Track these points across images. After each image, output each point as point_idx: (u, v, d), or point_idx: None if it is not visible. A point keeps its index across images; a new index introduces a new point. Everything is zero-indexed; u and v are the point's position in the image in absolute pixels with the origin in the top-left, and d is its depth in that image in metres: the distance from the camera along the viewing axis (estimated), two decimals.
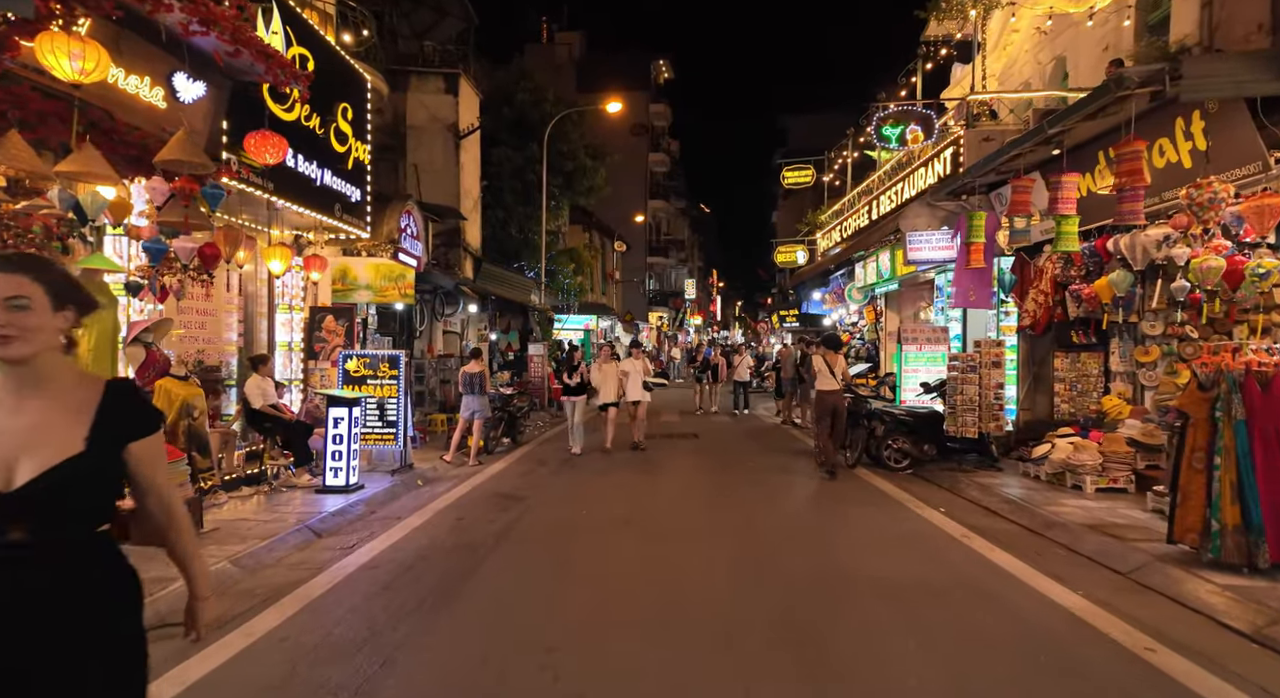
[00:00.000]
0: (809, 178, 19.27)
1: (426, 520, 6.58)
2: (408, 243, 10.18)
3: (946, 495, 7.74)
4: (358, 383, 8.95)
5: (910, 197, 11.62)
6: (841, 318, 18.92)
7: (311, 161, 7.61)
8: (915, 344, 10.57)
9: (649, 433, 12.79)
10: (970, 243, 8.77)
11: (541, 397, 18.11)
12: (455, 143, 17.45)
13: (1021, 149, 7.49)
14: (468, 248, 17.97)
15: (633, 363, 11.00)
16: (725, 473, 9.16)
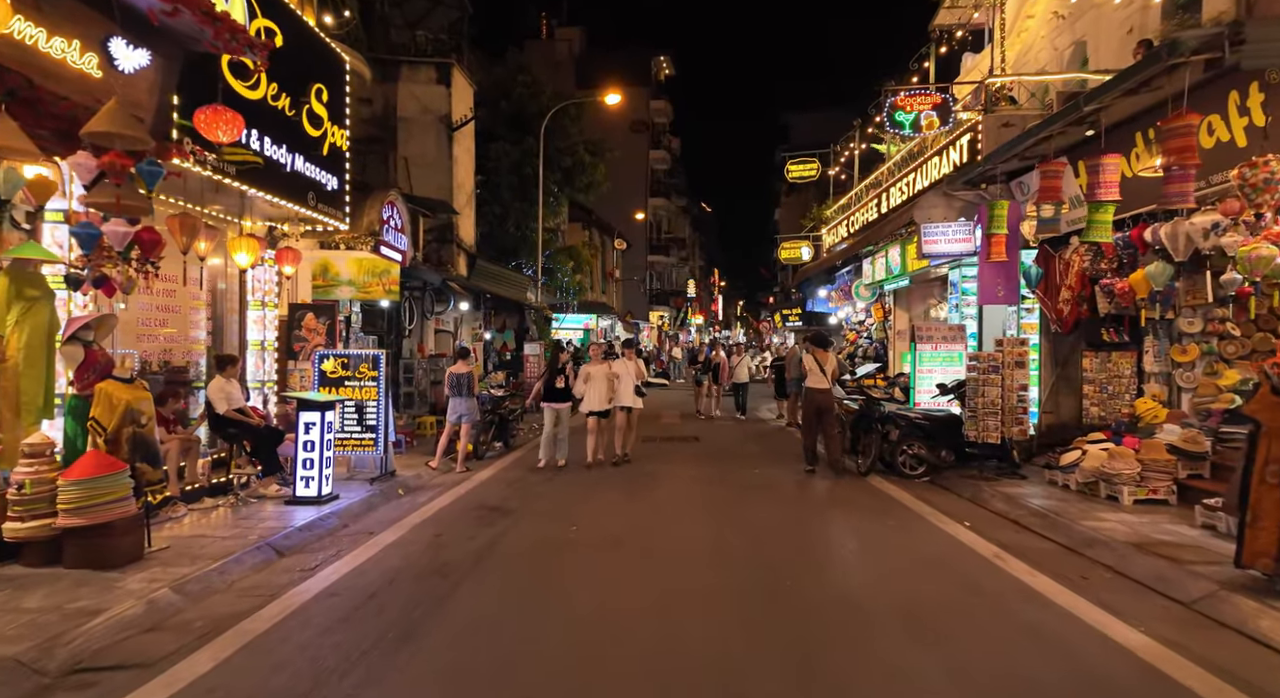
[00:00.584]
0: (814, 172, 18.67)
1: (401, 537, 5.98)
2: (391, 236, 9.58)
3: (969, 507, 7.14)
4: (335, 385, 8.36)
5: (924, 187, 11.00)
6: (848, 316, 18.31)
7: (280, 145, 7.01)
8: (930, 343, 9.96)
9: (647, 436, 12.21)
10: (992, 234, 8.16)
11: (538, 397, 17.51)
12: (448, 135, 16.86)
13: (1051, 130, 6.88)
14: (461, 244, 17.38)
15: (624, 365, 9.68)
16: (728, 482, 8.55)
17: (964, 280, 11.51)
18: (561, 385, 9.44)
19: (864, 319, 17.50)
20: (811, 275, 18.32)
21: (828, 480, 8.53)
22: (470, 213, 18.47)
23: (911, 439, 8.72)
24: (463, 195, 17.68)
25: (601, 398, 9.34)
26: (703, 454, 10.69)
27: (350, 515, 6.82)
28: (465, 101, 17.59)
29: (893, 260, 13.85)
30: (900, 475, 8.66)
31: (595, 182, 24.67)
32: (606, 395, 9.33)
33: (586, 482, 8.49)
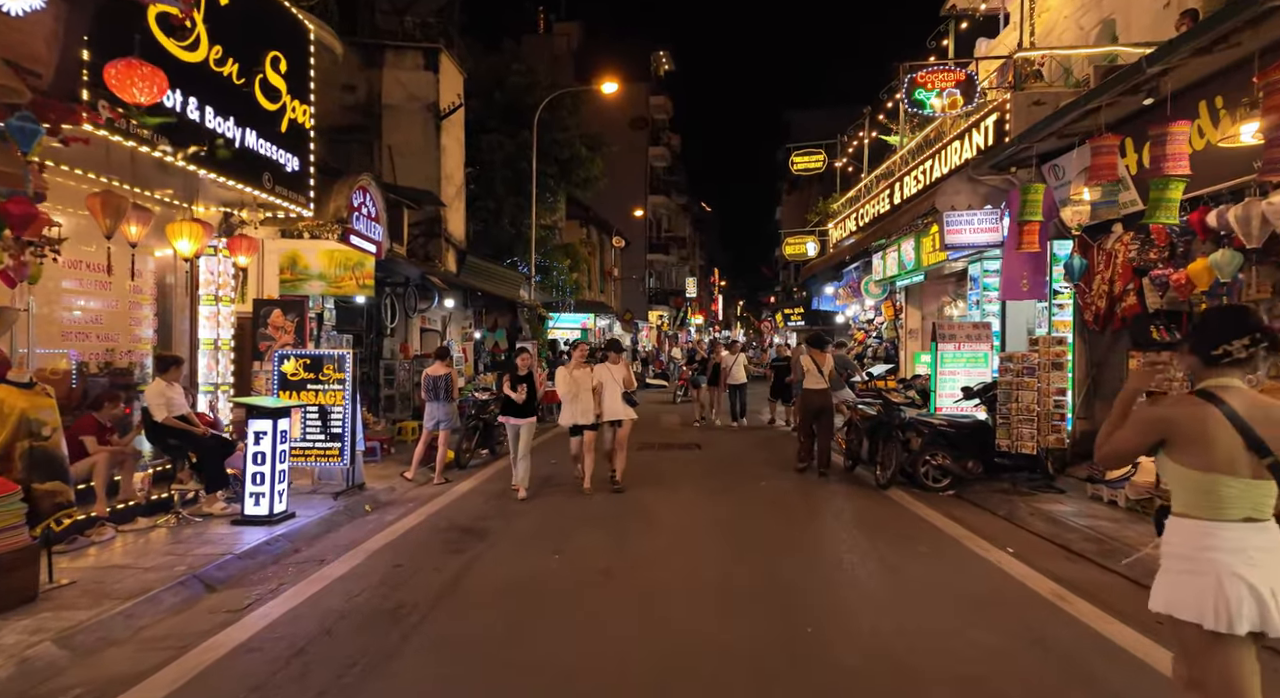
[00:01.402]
0: (820, 164, 17.84)
1: (354, 567, 5.15)
2: (363, 224, 8.74)
3: (1007, 528, 6.31)
4: (296, 388, 7.53)
5: (945, 173, 10.17)
6: (856, 315, 17.48)
7: (227, 117, 6.18)
8: (953, 343, 9.13)
9: (644, 443, 11.35)
10: (1024, 222, 7.33)
11: None
12: (436, 124, 16.03)
13: (1101, 100, 6.05)
14: (450, 238, 16.55)
15: (609, 370, 7.92)
16: (734, 497, 7.72)
17: (986, 275, 10.70)
18: (521, 397, 7.63)
19: (873, 318, 16.68)
20: (817, 272, 17.48)
21: (843, 494, 7.69)
22: (460, 206, 17.65)
23: (935, 448, 7.90)
24: (452, 188, 16.86)
25: (585, 410, 7.74)
26: (705, 464, 9.85)
27: (304, 538, 5.99)
28: (454, 89, 16.76)
29: (906, 255, 13.03)
30: (922, 488, 7.84)
31: (592, 177, 23.85)
32: (592, 407, 7.76)
33: (575, 497, 7.65)
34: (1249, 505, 2.13)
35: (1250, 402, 2.18)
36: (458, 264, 16.83)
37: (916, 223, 11.37)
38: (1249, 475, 2.12)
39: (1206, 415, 2.16)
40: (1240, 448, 2.12)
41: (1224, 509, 2.14)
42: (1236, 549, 2.10)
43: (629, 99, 42.45)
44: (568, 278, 26.49)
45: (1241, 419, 2.13)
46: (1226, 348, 2.21)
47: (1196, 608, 2.10)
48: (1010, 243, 7.65)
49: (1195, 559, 2.15)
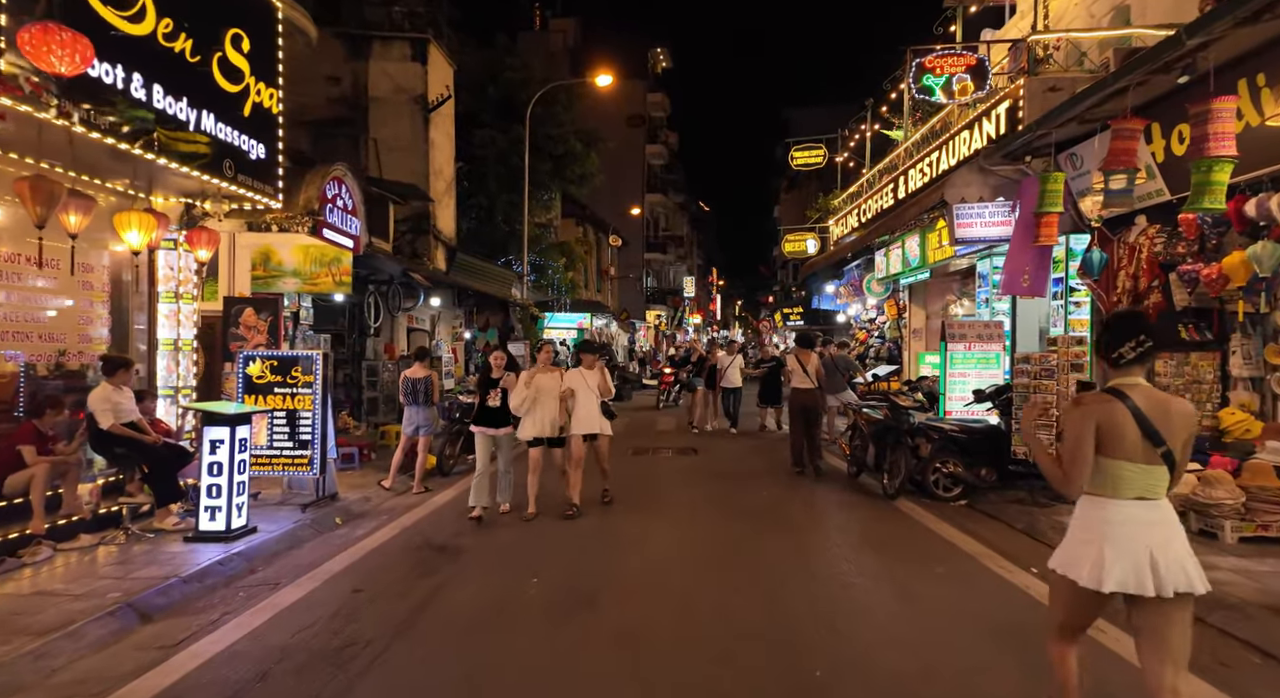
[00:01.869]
0: (820, 158, 17.34)
1: (309, 592, 4.64)
2: (337, 217, 8.22)
3: (1027, 544, 5.81)
4: (262, 392, 7.02)
5: (953, 165, 9.68)
6: (857, 314, 16.99)
7: (180, 97, 5.67)
8: (963, 343, 8.63)
9: (638, 447, 10.86)
10: (1043, 214, 6.84)
11: None
12: (424, 117, 15.53)
13: (1129, 80, 5.55)
14: (439, 235, 16.06)
15: (582, 376, 6.89)
16: (731, 509, 7.21)
17: (995, 272, 10.20)
18: (496, 403, 6.71)
19: (875, 317, 16.19)
20: (818, 270, 16.99)
21: (849, 505, 7.20)
22: (450, 202, 17.15)
23: (946, 455, 7.41)
24: (441, 183, 16.36)
25: (549, 420, 6.74)
26: (701, 471, 9.34)
27: (262, 557, 5.48)
28: (443, 81, 16.26)
29: (910, 251, 12.55)
30: (932, 498, 7.35)
31: (588, 173, 23.34)
32: (555, 418, 6.76)
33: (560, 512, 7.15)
34: (1141, 487, 2.44)
35: (1149, 398, 2.48)
36: (447, 262, 16.33)
37: (922, 218, 10.89)
38: (1143, 462, 2.43)
39: (1116, 411, 2.44)
40: (1139, 438, 2.42)
41: (1121, 489, 2.45)
42: (1123, 522, 2.43)
43: (626, 96, 41.98)
44: (563, 277, 26.00)
45: (1142, 413, 2.43)
46: (1121, 351, 2.50)
47: (1077, 568, 2.47)
48: (1019, 236, 7.16)
49: (1089, 529, 2.49)
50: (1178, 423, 2.46)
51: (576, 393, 6.83)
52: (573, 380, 6.89)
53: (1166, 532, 2.43)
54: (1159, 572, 2.37)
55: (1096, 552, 2.43)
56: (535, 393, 6.69)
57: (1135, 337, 2.50)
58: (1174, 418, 2.46)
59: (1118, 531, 2.43)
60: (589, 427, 6.90)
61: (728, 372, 12.62)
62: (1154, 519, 2.44)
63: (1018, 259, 7.13)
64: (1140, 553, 2.38)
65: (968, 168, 8.28)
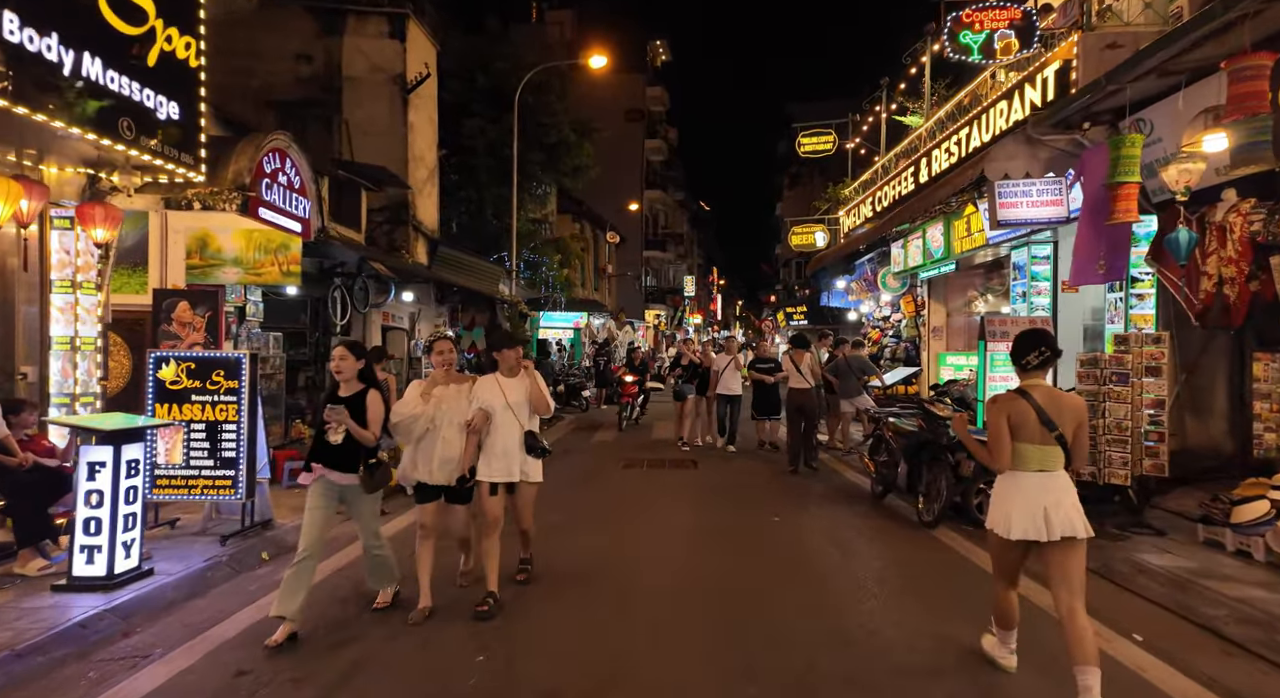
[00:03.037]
0: (830, 145, 16.20)
1: (179, 673, 3.48)
2: (277, 195, 7.06)
3: (1111, 593, 4.67)
4: (177, 400, 5.87)
5: (989, 140, 8.53)
6: (870, 312, 15.83)
7: (47, 32, 4.51)
8: (1005, 342, 7.45)
9: (629, 460, 9.67)
10: (1117, 184, 5.69)
11: None
12: (403, 98, 14.36)
13: (1246, 7, 4.39)
14: (419, 227, 14.89)
15: (499, 388, 4.40)
16: (738, 545, 6.05)
17: (1034, 262, 9.05)
18: (338, 439, 4.03)
19: (889, 314, 15.03)
20: (828, 265, 15.83)
21: (881, 536, 6.04)
22: (432, 192, 15.99)
23: (993, 474, 6.25)
24: (422, 170, 15.20)
25: (437, 459, 4.28)
26: (702, 491, 8.17)
27: (147, 612, 4.33)
28: (423, 59, 15.08)
29: (933, 241, 11.39)
30: (976, 524, 6.19)
31: (583, 165, 22.18)
32: (456, 452, 4.30)
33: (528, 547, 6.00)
34: (1039, 461, 3.26)
35: (1047, 395, 3.31)
36: (429, 255, 15.18)
37: (950, 202, 9.73)
38: (1041, 443, 3.25)
39: (1021, 405, 3.28)
40: (1037, 425, 3.24)
41: (1025, 464, 3.28)
42: (1026, 488, 3.25)
43: (624, 90, 40.88)
44: (558, 274, 24.81)
45: (1040, 406, 3.25)
46: (1027, 359, 3.33)
47: (998, 523, 3.33)
48: (1089, 216, 6.01)
49: (1005, 494, 3.33)
50: (1068, 414, 3.25)
51: (494, 416, 4.30)
52: (487, 395, 4.32)
53: (1058, 494, 3.18)
54: (1050, 522, 3.12)
55: (1008, 510, 3.24)
56: (436, 416, 4.26)
57: (1038, 348, 3.29)
58: (1065, 410, 3.25)
59: (1022, 494, 3.22)
60: (505, 470, 4.32)
61: (724, 376, 10.60)
62: (1050, 486, 3.20)
63: (1091, 243, 5.98)
64: (1037, 510, 3.14)
65: (1012, 139, 7.13)
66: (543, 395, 4.44)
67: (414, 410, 4.22)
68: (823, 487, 8.16)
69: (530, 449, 4.41)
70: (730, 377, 10.62)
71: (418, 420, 4.24)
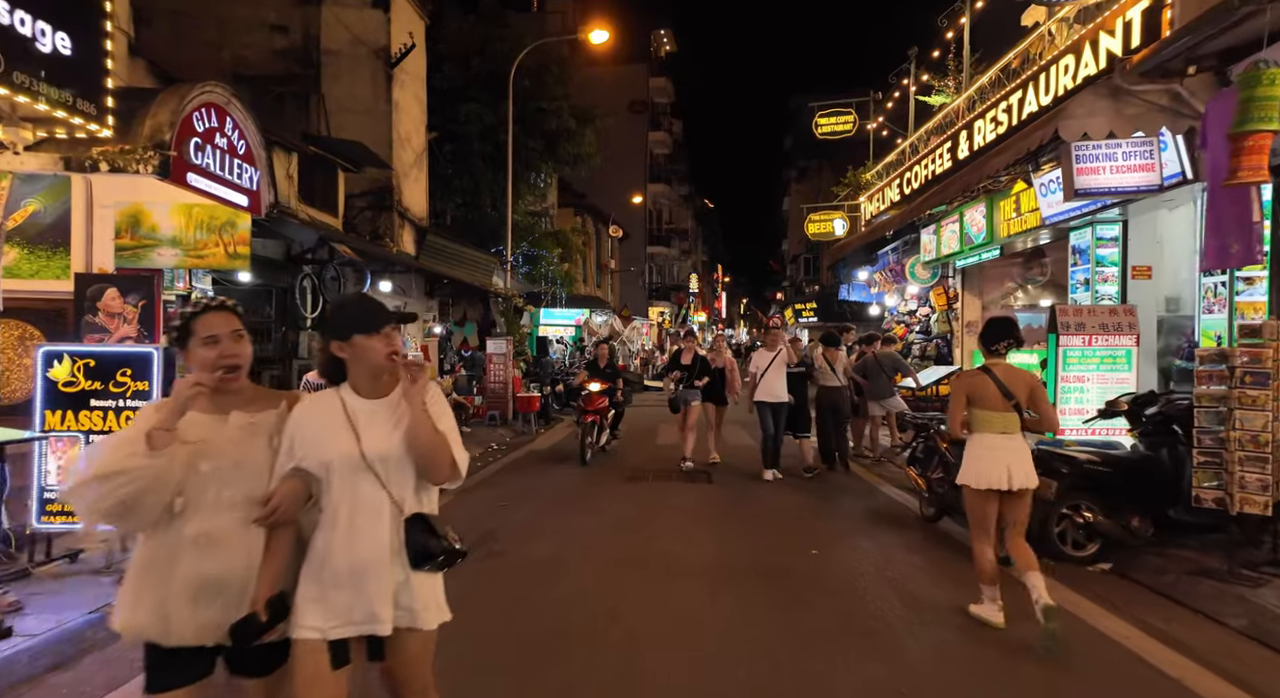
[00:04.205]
0: (850, 126, 15.02)
1: None
2: (213, 160, 5.90)
3: (1268, 660, 3.50)
4: (75, 405, 4.74)
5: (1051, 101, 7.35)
6: (894, 306, 14.64)
7: None
8: (1080, 335, 6.29)
9: (633, 471, 8.41)
10: (1246, 133, 4.51)
11: (503, 408, 13.92)
12: (386, 74, 13.23)
13: None
14: (406, 213, 13.77)
15: (373, 417, 1.98)
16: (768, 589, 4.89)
17: (1100, 244, 7.87)
18: None
19: (915, 309, 13.85)
20: (848, 255, 14.66)
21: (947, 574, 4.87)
22: (420, 176, 14.85)
23: (1080, 497, 5.10)
24: (408, 153, 14.06)
25: (204, 581, 1.89)
26: (719, 514, 7.00)
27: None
28: (409, 30, 13.92)
29: (973, 225, 10.21)
30: (1055, 556, 5.06)
31: (583, 153, 20.98)
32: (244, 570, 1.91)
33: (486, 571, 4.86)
34: (1000, 426, 3.91)
35: (1005, 370, 3.97)
36: (416, 244, 14.05)
37: (998, 179, 8.56)
38: (1000, 410, 3.91)
39: (983, 380, 3.95)
40: (998, 395, 3.90)
41: (989, 428, 3.93)
42: (991, 448, 3.89)
43: (627, 81, 39.71)
44: (557, 268, 23.65)
45: (999, 379, 3.91)
46: (996, 346, 3.99)
47: (971, 477, 3.92)
48: (1219, 185, 4.81)
49: (976, 454, 3.94)
50: (1020, 385, 3.93)
51: (324, 488, 1.96)
52: (309, 437, 1.97)
53: (1017, 455, 3.87)
54: (1012, 476, 3.82)
55: (978, 467, 3.91)
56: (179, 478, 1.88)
57: (1007, 338, 4.00)
58: (1018, 382, 3.93)
59: (990, 452, 3.90)
60: (358, 610, 1.93)
61: (766, 377, 8.13)
62: (1009, 446, 3.88)
63: (1225, 214, 4.79)
64: (1001, 465, 3.84)
65: (1092, 93, 5.94)
66: (440, 441, 1.96)
67: (127, 465, 1.80)
68: (860, 505, 6.99)
69: (420, 557, 1.98)
70: (774, 378, 8.14)
71: (135, 485, 1.80)
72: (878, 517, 6.45)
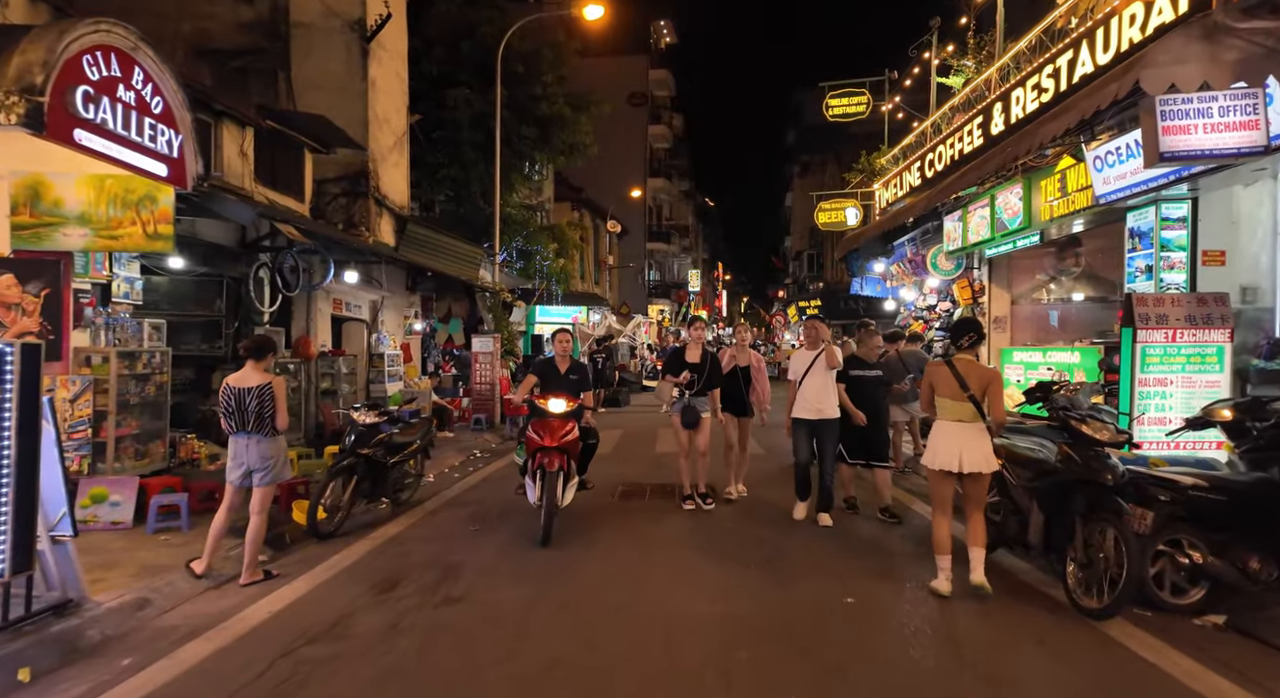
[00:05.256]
0: (863, 107, 13.98)
1: None
2: (113, 117, 4.84)
3: None
4: None
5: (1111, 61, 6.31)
6: (910, 301, 13.60)
7: None
8: (1162, 329, 5.25)
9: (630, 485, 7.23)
10: None
11: (490, 412, 12.89)
12: (362, 49, 12.19)
13: None
14: (385, 201, 12.73)
15: None
16: (799, 666, 3.87)
17: (1166, 226, 6.82)
18: None
19: (935, 303, 12.80)
20: (861, 246, 13.62)
21: (1026, 634, 3.83)
22: (401, 161, 13.81)
23: (1179, 529, 4.07)
24: (387, 135, 13.02)
25: None
26: (728, 542, 5.98)
27: None
28: (388, 2, 12.87)
29: (1007, 208, 9.17)
30: (1154, 605, 4.06)
31: (579, 142, 19.90)
32: None
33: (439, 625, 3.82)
34: (955, 414, 4.35)
35: (964, 363, 4.40)
36: (396, 234, 13.02)
37: (1043, 154, 7.52)
38: (955, 399, 4.33)
39: (944, 371, 4.41)
40: (955, 386, 4.32)
41: (946, 415, 4.40)
42: (946, 433, 4.38)
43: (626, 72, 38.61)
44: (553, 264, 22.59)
45: (957, 371, 4.35)
46: (960, 342, 4.47)
47: (929, 459, 4.43)
48: None
49: (934, 440, 4.44)
50: (976, 379, 4.29)
51: None
52: None
53: (971, 441, 4.28)
54: (963, 460, 4.25)
55: (934, 448, 4.40)
56: None
57: (969, 333, 4.48)
58: (974, 376, 4.31)
59: (944, 437, 4.37)
60: None
61: (805, 387, 6.03)
62: (963, 433, 4.30)
63: None
64: (954, 449, 4.29)
65: (1183, 35, 4.89)
66: None
67: None
68: (894, 530, 5.95)
69: None
70: (815, 388, 5.95)
71: None
72: (918, 546, 5.40)
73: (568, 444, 5.64)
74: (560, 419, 5.69)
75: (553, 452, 5.53)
